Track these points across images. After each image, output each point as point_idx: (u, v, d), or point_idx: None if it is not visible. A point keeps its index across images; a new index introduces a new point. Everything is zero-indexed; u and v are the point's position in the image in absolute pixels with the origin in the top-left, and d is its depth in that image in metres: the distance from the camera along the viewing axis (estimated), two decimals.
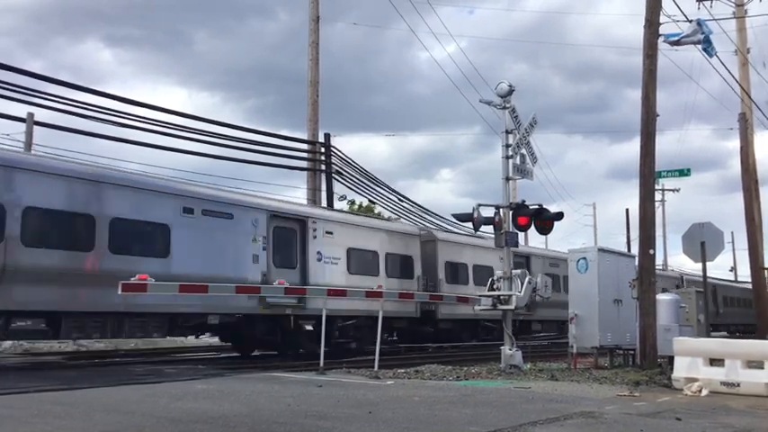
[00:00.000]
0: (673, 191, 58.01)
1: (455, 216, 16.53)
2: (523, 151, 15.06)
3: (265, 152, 24.05)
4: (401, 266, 21.61)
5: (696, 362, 11.11)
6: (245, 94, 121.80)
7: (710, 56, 16.05)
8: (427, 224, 28.11)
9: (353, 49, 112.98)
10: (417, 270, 22.06)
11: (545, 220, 15.06)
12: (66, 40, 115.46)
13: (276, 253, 17.59)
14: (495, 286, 14.74)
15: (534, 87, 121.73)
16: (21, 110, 19.20)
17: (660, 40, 15.02)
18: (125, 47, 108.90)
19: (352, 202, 36.57)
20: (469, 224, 15.57)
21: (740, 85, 26.05)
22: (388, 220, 27.54)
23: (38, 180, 13.45)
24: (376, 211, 35.57)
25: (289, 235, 18.14)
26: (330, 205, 25.27)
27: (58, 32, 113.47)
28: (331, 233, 19.10)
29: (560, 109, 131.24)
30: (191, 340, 25.09)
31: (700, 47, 15.49)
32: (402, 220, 28.63)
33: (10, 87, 17.78)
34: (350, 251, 19.60)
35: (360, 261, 19.98)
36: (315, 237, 18.55)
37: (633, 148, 15.28)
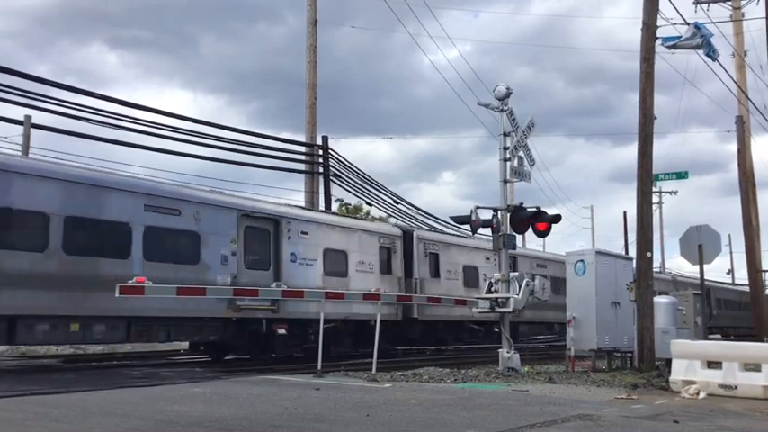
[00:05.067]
0: (670, 193, 58.10)
1: (453, 218, 16.55)
2: (521, 154, 15.07)
3: (265, 155, 24.12)
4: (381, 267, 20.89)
5: (694, 364, 11.11)
6: (249, 97, 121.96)
7: (713, 59, 15.99)
8: (425, 226, 28.10)
9: (359, 52, 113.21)
10: (398, 270, 21.47)
11: (543, 223, 15.07)
12: (71, 42, 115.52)
13: (247, 254, 17.09)
14: (492, 288, 14.74)
15: (537, 90, 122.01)
16: (21, 113, 19.23)
17: (658, 43, 15.06)
18: (130, 49, 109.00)
19: (344, 205, 36.69)
20: (467, 226, 15.59)
21: (738, 87, 26.12)
22: (366, 217, 27.01)
23: None
24: (365, 211, 35.76)
25: (262, 236, 17.62)
26: (328, 208, 25.30)
27: (64, 35, 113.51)
28: (306, 233, 18.57)
29: (563, 112, 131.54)
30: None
31: (700, 51, 15.49)
32: (393, 220, 28.81)
33: (10, 90, 17.79)
34: (326, 252, 19.07)
35: (336, 262, 19.39)
36: (289, 237, 18.04)
37: (634, 151, 15.29)
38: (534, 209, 14.94)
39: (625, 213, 45.87)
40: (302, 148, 25.44)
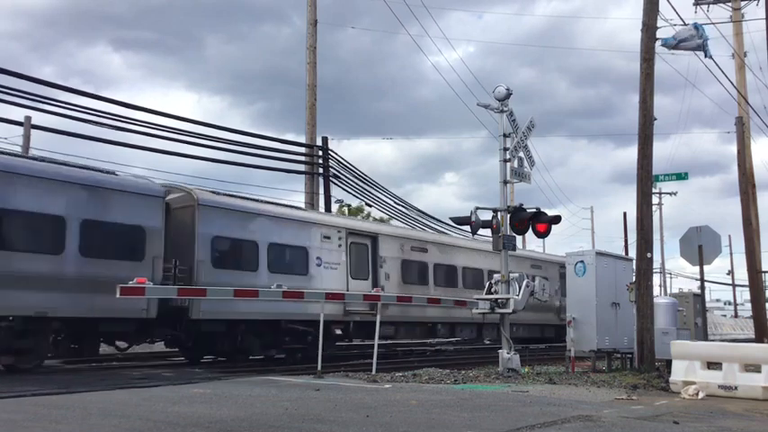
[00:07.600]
0: (670, 194, 58.14)
1: (453, 219, 16.54)
2: (521, 155, 15.07)
3: (265, 156, 24.12)
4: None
5: (694, 365, 11.12)
6: (253, 98, 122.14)
7: (706, 56, 16.01)
8: (425, 228, 28.11)
9: (363, 54, 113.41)
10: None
11: (542, 224, 15.06)
12: (76, 44, 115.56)
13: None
14: (492, 289, 14.74)
15: (541, 92, 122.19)
16: (22, 114, 19.24)
17: (658, 44, 15.07)
18: (135, 51, 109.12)
19: (345, 205, 36.85)
20: (467, 227, 15.59)
21: (737, 88, 26.12)
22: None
23: None
24: (365, 213, 36.28)
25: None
26: (327, 209, 25.30)
27: (69, 36, 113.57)
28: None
29: (566, 113, 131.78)
30: None
31: (699, 52, 15.50)
32: (393, 221, 28.92)
33: (10, 92, 17.78)
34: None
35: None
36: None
37: (635, 152, 15.30)
38: (534, 209, 14.94)
39: (625, 214, 45.98)
40: (302, 149, 25.44)
